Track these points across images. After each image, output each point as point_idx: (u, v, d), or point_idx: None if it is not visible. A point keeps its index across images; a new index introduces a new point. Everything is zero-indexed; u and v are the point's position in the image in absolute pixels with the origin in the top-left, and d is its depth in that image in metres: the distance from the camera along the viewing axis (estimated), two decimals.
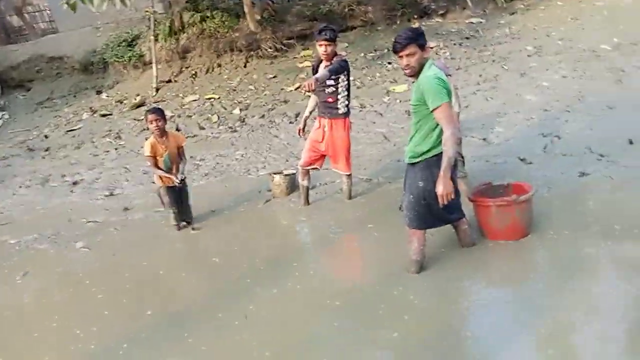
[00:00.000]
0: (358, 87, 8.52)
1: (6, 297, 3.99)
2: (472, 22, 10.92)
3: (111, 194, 6.04)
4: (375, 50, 10.25)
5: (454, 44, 9.67)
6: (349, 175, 4.59)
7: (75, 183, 6.52)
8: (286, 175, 5.17)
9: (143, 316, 3.28)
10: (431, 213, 3.00)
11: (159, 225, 4.91)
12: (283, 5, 12.94)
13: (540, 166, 4.57)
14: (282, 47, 10.87)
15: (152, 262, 4.15)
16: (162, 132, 4.61)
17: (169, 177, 4.58)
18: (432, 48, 2.85)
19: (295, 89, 9.03)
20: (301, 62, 10.16)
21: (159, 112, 4.66)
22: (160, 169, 4.60)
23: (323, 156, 4.58)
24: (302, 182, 4.70)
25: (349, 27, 11.53)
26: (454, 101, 4.04)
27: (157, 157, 4.60)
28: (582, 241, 3.16)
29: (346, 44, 10.78)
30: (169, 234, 4.68)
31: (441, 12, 11.68)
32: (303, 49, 10.82)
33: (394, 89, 8.05)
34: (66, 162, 7.40)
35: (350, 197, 4.65)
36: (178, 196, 4.71)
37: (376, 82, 8.67)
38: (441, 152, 2.83)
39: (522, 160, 4.78)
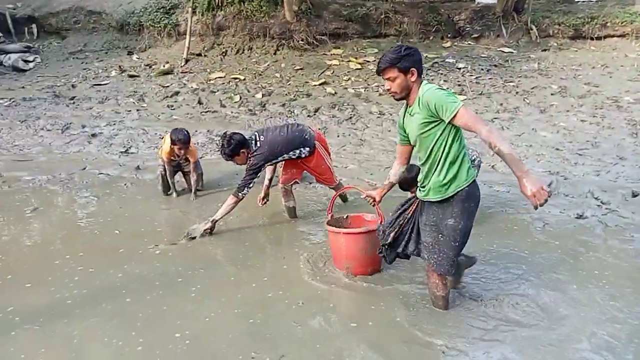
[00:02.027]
0: (380, 94, 8.67)
1: (14, 226, 4.22)
2: (503, 51, 11.03)
3: (126, 152, 6.24)
4: None
5: (482, 69, 9.79)
6: (336, 186, 4.51)
7: (94, 135, 6.73)
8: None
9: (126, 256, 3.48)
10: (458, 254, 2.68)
11: (166, 189, 5.10)
12: (322, 1, 13.11)
13: None
14: (314, 41, 11.04)
15: (153, 219, 4.36)
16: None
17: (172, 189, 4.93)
18: (414, 74, 2.42)
19: (320, 85, 9.20)
20: (330, 60, 10.32)
21: (185, 141, 4.66)
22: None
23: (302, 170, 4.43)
24: (287, 204, 4.35)
25: (382, 34, 11.68)
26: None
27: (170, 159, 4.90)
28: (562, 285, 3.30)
29: (376, 50, 10.93)
30: (174, 199, 4.89)
31: (475, 35, 11.80)
32: (334, 47, 10.99)
33: None
34: (88, 114, 7.62)
35: (345, 200, 4.73)
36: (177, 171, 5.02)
37: None
38: (472, 182, 2.54)
39: None
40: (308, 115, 7.87)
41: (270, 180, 4.53)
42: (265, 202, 4.53)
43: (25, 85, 9.23)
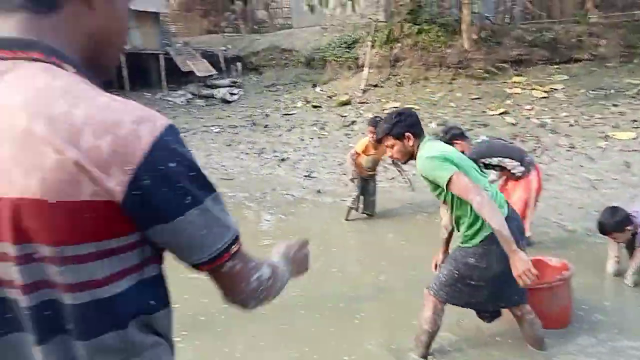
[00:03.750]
0: (570, 125, 7.89)
1: None
2: None
3: (309, 176, 6.84)
4: (600, 89, 9.29)
5: None
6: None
7: (282, 160, 7.56)
8: None
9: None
10: (474, 296, 2.53)
11: (343, 212, 5.43)
12: (503, 27, 12.58)
13: None
14: (493, 69, 10.63)
15: (330, 240, 4.68)
16: (378, 141, 4.96)
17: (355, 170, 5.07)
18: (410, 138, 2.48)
19: (499, 114, 8.79)
20: (510, 88, 9.81)
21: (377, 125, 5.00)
22: (356, 166, 5.10)
23: None
24: None
25: (572, 59, 10.66)
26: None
27: (364, 156, 5.11)
28: None
29: (565, 77, 10.01)
30: (351, 223, 5.18)
31: None
32: (515, 75, 10.42)
33: (614, 135, 7.23)
34: (278, 140, 8.58)
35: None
36: (364, 186, 5.17)
37: (594, 124, 7.88)
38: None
39: None
40: None
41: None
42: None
43: (230, 114, 10.85)
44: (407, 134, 2.50)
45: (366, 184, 5.19)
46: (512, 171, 3.98)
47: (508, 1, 14.12)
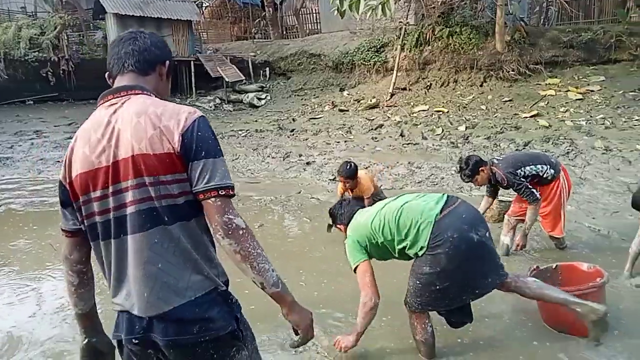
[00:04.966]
0: (607, 128, 7.59)
1: None
2: None
3: (334, 179, 6.79)
4: (638, 90, 8.91)
5: None
6: (559, 240, 4.10)
7: (308, 163, 7.56)
8: (501, 201, 5.00)
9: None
10: (447, 296, 2.57)
11: None
12: (538, 28, 12.25)
13: None
14: (526, 71, 10.36)
15: None
16: (352, 188, 4.75)
17: None
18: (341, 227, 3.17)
19: (531, 117, 8.54)
20: (544, 90, 9.52)
21: (349, 176, 4.64)
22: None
23: None
24: (504, 238, 4.06)
25: (611, 60, 10.28)
26: None
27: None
28: None
29: (602, 78, 9.65)
30: None
31: None
32: (549, 76, 10.11)
33: None
34: (304, 144, 8.60)
35: (561, 248, 4.17)
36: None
37: (632, 126, 7.56)
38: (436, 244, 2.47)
39: None
40: (516, 149, 7.36)
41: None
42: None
43: (258, 119, 10.96)
44: (339, 223, 3.10)
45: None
46: (543, 176, 3.87)
47: (543, 2, 13.73)
